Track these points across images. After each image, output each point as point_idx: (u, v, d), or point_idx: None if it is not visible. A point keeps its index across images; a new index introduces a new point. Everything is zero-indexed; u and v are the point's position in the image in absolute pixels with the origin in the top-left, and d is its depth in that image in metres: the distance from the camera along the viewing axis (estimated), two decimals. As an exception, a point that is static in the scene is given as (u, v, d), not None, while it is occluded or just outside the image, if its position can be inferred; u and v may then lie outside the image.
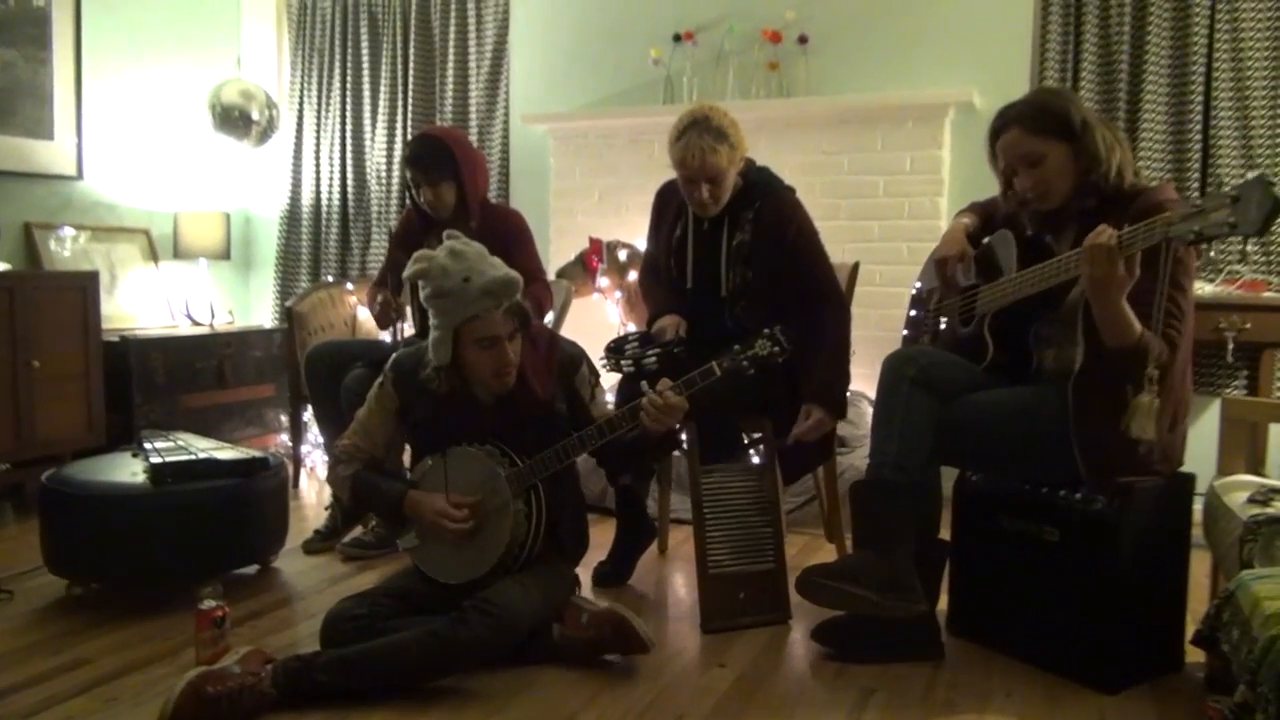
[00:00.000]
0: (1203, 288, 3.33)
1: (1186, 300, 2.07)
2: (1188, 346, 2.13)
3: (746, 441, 2.86)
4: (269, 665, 2.05)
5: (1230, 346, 3.13)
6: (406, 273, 2.30)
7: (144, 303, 4.61)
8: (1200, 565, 2.43)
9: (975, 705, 2.10)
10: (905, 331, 2.74)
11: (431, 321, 2.29)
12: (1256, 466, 3.28)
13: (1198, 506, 2.31)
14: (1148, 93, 3.61)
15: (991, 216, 2.53)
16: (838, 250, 3.69)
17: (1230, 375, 3.49)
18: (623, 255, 4.01)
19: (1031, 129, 2.14)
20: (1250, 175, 1.71)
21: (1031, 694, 2.14)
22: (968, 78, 3.89)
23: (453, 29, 4.78)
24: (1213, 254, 1.82)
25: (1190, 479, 2.26)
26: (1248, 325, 3.13)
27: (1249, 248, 3.46)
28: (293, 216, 5.16)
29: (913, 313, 2.71)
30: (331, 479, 2.48)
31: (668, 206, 2.93)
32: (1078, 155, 2.13)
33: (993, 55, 3.86)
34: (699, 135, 2.59)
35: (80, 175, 4.40)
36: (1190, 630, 2.12)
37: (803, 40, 4.08)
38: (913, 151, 3.93)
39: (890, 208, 3.97)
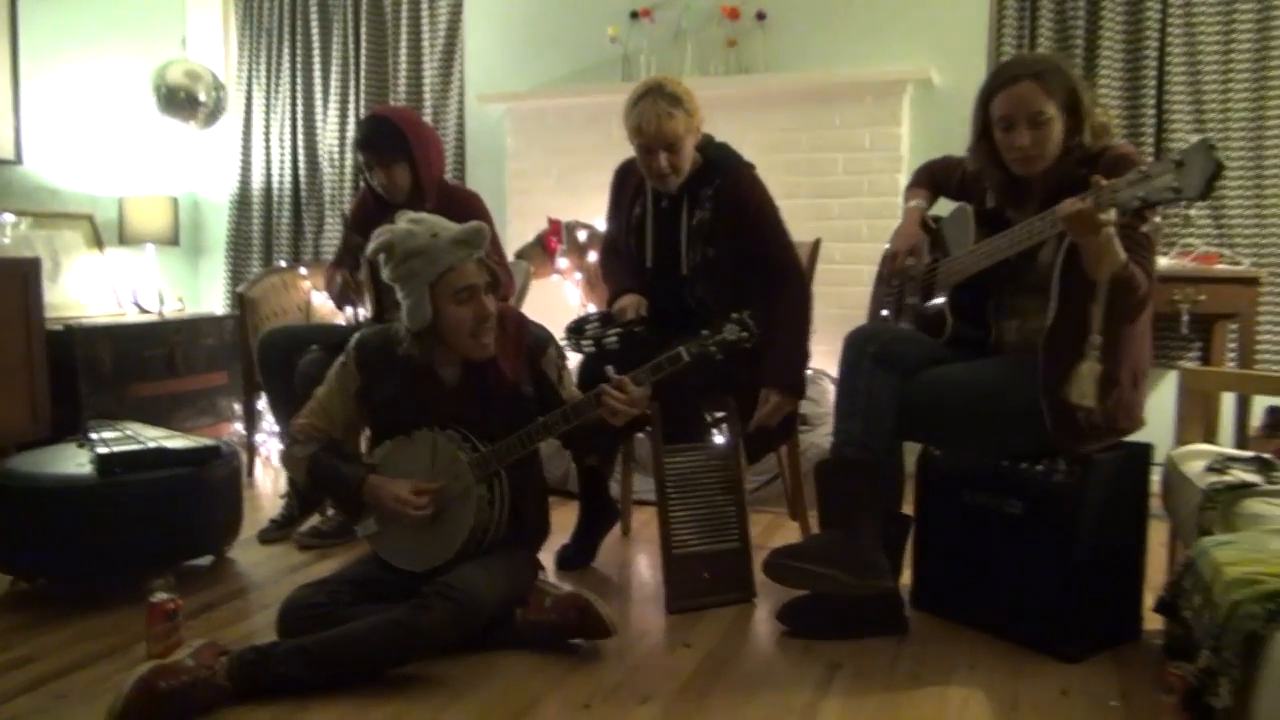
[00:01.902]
0: (1157, 261, 3.35)
1: (1150, 238, 2.06)
2: (1150, 307, 2.13)
3: (710, 421, 2.83)
4: (224, 658, 2.00)
5: (1185, 319, 3.17)
6: (369, 250, 2.25)
7: (90, 290, 4.48)
8: (1158, 535, 2.46)
9: (940, 678, 2.10)
10: (871, 308, 2.73)
11: (402, 292, 2.24)
12: (1210, 436, 3.34)
13: (1156, 477, 2.33)
14: (1103, 68, 3.63)
15: (944, 184, 2.52)
16: (798, 228, 3.66)
17: (1185, 347, 3.53)
18: (582, 236, 3.96)
19: (1046, 89, 2.10)
20: (1194, 139, 1.71)
21: (995, 665, 2.15)
22: (925, 55, 3.88)
23: (405, 7, 4.69)
24: (1158, 220, 1.81)
25: (1148, 449, 2.27)
26: (1202, 297, 3.16)
27: (1192, 211, 3.50)
28: (243, 200, 5.05)
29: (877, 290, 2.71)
30: (286, 459, 2.42)
31: (626, 185, 2.89)
32: (1069, 130, 2.12)
33: (950, 32, 3.86)
34: (654, 101, 2.56)
35: (19, 159, 4.26)
36: (1149, 599, 2.15)
37: (761, 17, 4.05)
38: (872, 128, 3.92)
39: (850, 185, 3.96)
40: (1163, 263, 3.35)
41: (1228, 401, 3.32)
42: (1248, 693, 1.31)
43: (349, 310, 3.22)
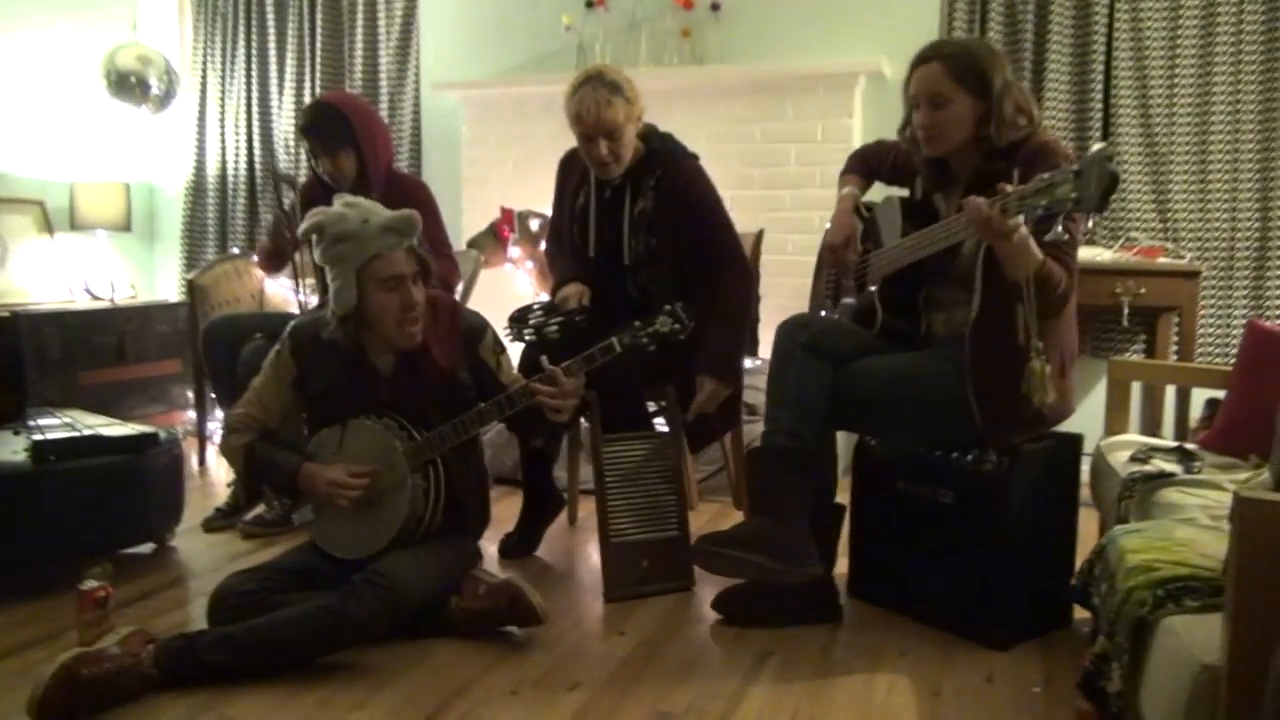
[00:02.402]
0: (1100, 253, 3.40)
1: (1075, 231, 2.07)
2: (1073, 298, 2.16)
3: (651, 410, 2.84)
4: (151, 645, 1.99)
5: (1126, 311, 3.20)
6: (302, 228, 2.25)
7: (39, 277, 4.43)
8: (1090, 524, 2.49)
9: (869, 664, 2.12)
10: (812, 298, 2.75)
11: (330, 274, 2.24)
12: (1154, 428, 3.38)
13: (1087, 467, 2.36)
14: (1051, 61, 3.67)
15: (876, 169, 2.54)
16: (750, 219, 3.71)
17: (1128, 340, 3.58)
18: (534, 225, 3.95)
19: (952, 72, 2.13)
20: (1094, 148, 1.72)
21: (925, 652, 2.18)
22: (877, 47, 3.90)
23: (361, -7, 4.66)
24: (1059, 229, 1.81)
25: (1078, 439, 2.30)
26: (1143, 290, 3.20)
27: (1135, 204, 3.54)
28: (198, 187, 5.00)
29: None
30: (224, 448, 2.40)
31: (570, 174, 2.90)
32: (982, 115, 2.13)
33: (902, 24, 3.87)
34: (593, 89, 2.56)
35: (-35, 143, 4.20)
36: (1078, 588, 2.18)
37: (715, 7, 4.05)
38: (824, 120, 3.93)
39: (802, 176, 3.98)
40: (1105, 255, 3.40)
41: (1171, 394, 3.38)
42: (1137, 677, 1.34)
43: (285, 275, 3.19)
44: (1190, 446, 2.21)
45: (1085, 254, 3.30)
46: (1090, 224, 3.53)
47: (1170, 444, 2.25)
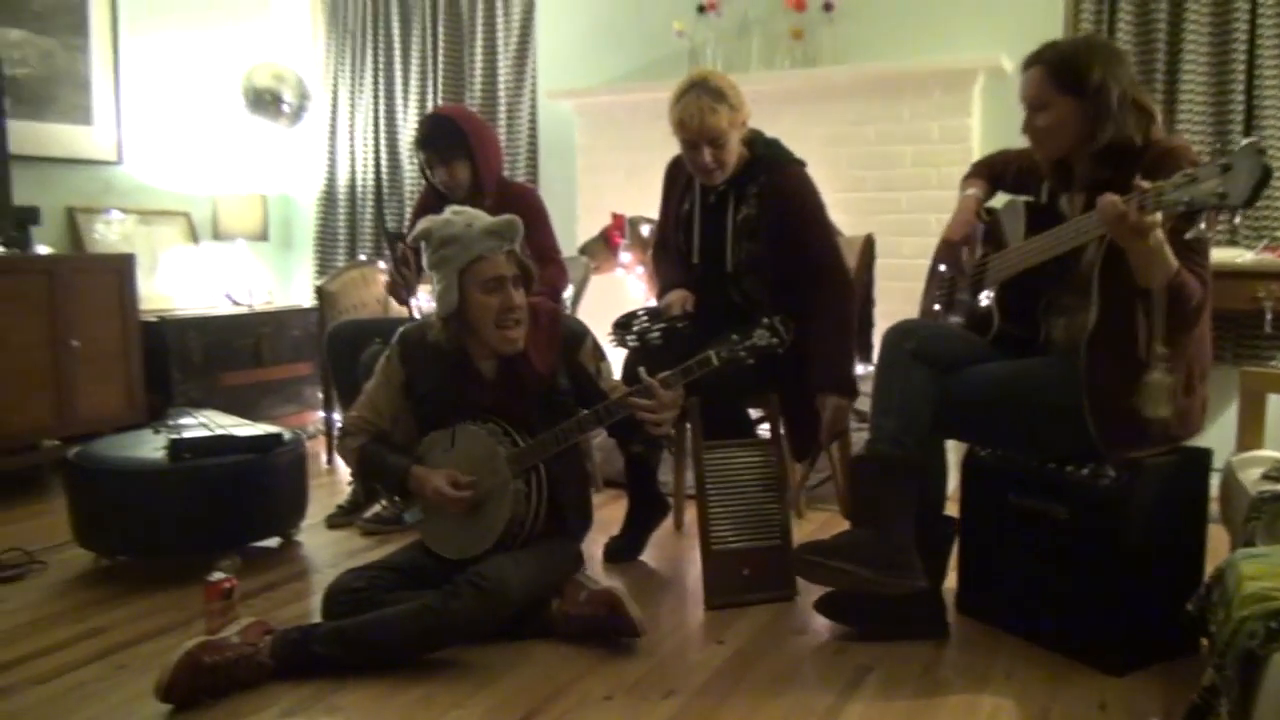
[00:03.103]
0: (1240, 255, 3.19)
1: (1204, 242, 1.96)
2: (1208, 309, 2.04)
3: (754, 417, 2.83)
4: (269, 636, 2.10)
5: (1269, 317, 3.00)
6: (410, 237, 2.34)
7: (184, 284, 4.72)
8: (1223, 545, 2.35)
9: (973, 685, 2.05)
10: (924, 299, 2.68)
11: (435, 278, 2.32)
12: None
13: (1216, 482, 2.23)
14: (1187, 54, 3.46)
15: (1000, 176, 2.46)
16: (862, 222, 3.64)
17: (1272, 347, 3.34)
18: (645, 230, 3.97)
19: (1050, 75, 2.06)
20: (1243, 141, 1.62)
21: (1034, 675, 2.09)
22: (997, 41, 3.77)
23: (480, 5, 4.78)
24: (1203, 227, 1.70)
25: (1206, 454, 2.17)
26: (1287, 294, 2.99)
27: (1238, 220, 3.31)
28: (329, 197, 5.24)
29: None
30: (340, 450, 2.52)
31: (676, 180, 2.90)
32: (1085, 114, 2.05)
33: (1024, 18, 3.73)
34: (697, 96, 2.56)
35: (120, 160, 4.51)
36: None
37: (828, 7, 3.99)
38: (941, 120, 3.82)
39: (917, 178, 3.88)
40: (1246, 257, 3.19)
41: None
42: (1246, 715, 1.25)
43: (412, 302, 3.32)
44: (1330, 464, 2.06)
45: (1224, 255, 3.11)
46: (1237, 220, 3.31)
47: (1309, 461, 2.10)
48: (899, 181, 3.90)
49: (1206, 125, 3.46)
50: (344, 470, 3.98)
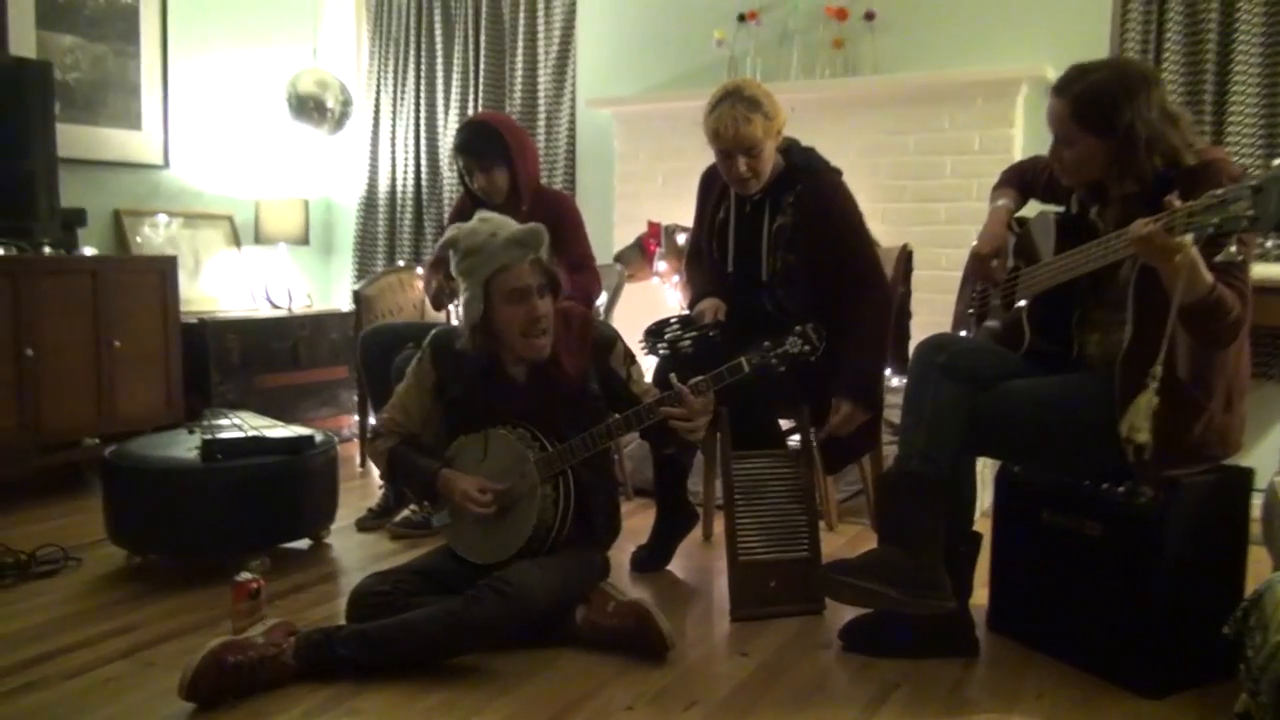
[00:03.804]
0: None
1: (1248, 253, 1.91)
2: (1246, 326, 1.98)
3: (784, 428, 2.80)
4: (293, 637, 2.11)
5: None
6: (438, 244, 2.34)
7: (227, 286, 4.79)
8: (1264, 566, 2.28)
9: (1002, 705, 2.01)
10: (956, 312, 2.65)
11: (463, 286, 2.33)
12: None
13: (1258, 502, 2.16)
14: (1237, 68, 3.37)
15: (1031, 185, 2.42)
16: (903, 232, 3.60)
17: (1320, 365, 3.26)
18: (681, 239, 3.96)
19: (1075, 113, 2.01)
20: (1276, 162, 1.57)
21: (1065, 695, 2.04)
22: (1042, 51, 3.70)
23: (522, 15, 4.81)
24: (1233, 250, 1.65)
25: (1248, 473, 2.11)
26: (1338, 309, 2.90)
27: (1269, 243, 3.22)
28: (370, 202, 5.29)
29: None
30: (371, 452, 2.54)
31: (711, 189, 2.89)
32: (1111, 152, 2.00)
33: (1069, 26, 3.66)
34: (731, 106, 2.54)
35: (166, 164, 4.59)
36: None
37: (869, 17, 3.96)
38: (982, 130, 3.77)
39: (958, 189, 3.82)
40: (1294, 271, 3.10)
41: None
42: (1280, 743, 1.21)
43: (450, 308, 3.33)
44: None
45: (1264, 270, 3.02)
46: (1269, 244, 3.24)
47: (1355, 484, 2.03)
48: (938, 192, 3.85)
49: (1258, 139, 3.37)
50: (376, 474, 4.01)
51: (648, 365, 2.70)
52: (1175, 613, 2.03)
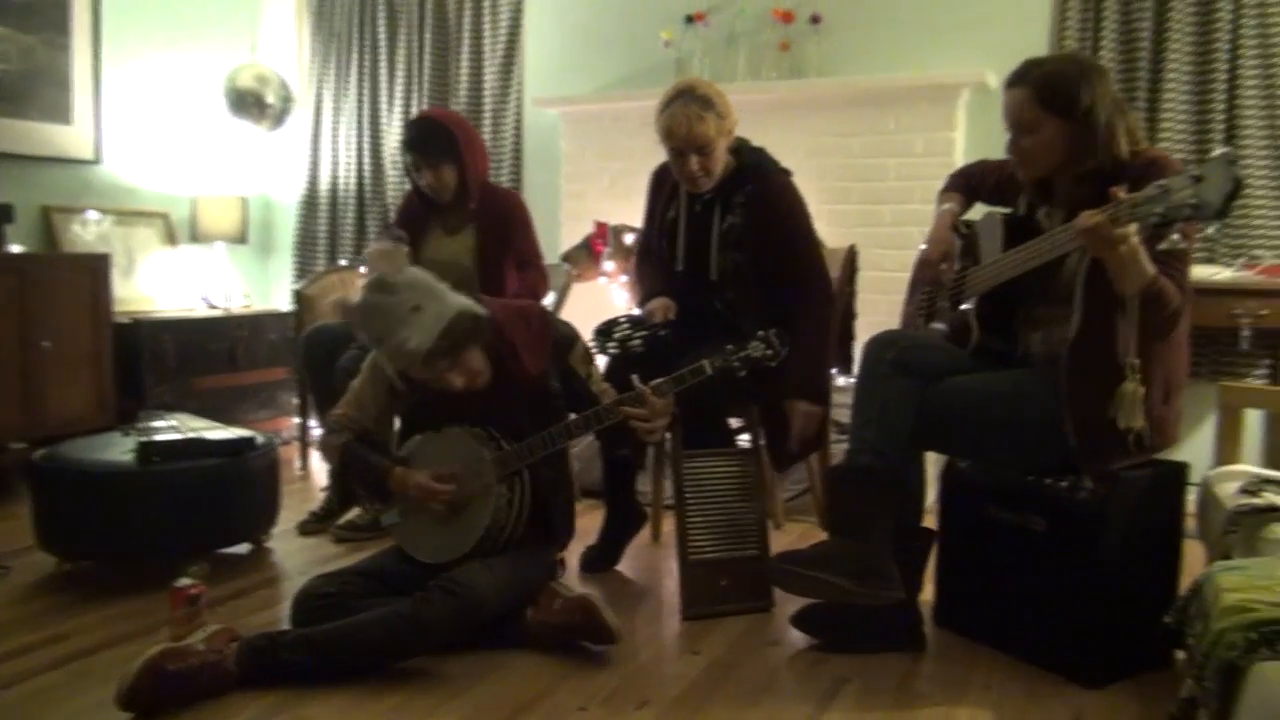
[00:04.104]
0: (1218, 272, 3.21)
1: (1189, 243, 1.96)
2: (1186, 319, 2.04)
3: (734, 427, 2.81)
4: (235, 643, 2.05)
5: (1245, 334, 3.01)
6: (344, 319, 2.29)
7: (162, 286, 4.66)
8: (1197, 558, 2.34)
9: (950, 697, 2.04)
10: (904, 314, 2.68)
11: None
12: (1275, 459, 3.17)
13: (1193, 497, 2.22)
14: (1170, 72, 3.47)
15: (978, 188, 2.46)
16: (847, 234, 3.64)
17: (1249, 364, 3.36)
18: (628, 239, 3.96)
19: (1038, 97, 2.04)
20: (1215, 152, 1.62)
21: (1010, 687, 2.08)
22: (982, 57, 3.78)
23: (468, 12, 4.76)
24: (1176, 238, 1.71)
25: (1183, 468, 2.17)
26: (1265, 312, 3.00)
27: (1261, 220, 3.32)
28: (310, 201, 5.19)
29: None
30: (322, 446, 2.49)
31: (662, 188, 2.89)
32: (1073, 135, 2.04)
33: (1009, 34, 3.74)
34: (684, 104, 2.55)
35: (99, 160, 4.46)
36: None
37: (815, 20, 4.00)
38: (925, 133, 3.83)
39: (902, 191, 3.88)
40: (1224, 274, 3.20)
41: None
42: (1225, 727, 1.24)
43: None
44: (1308, 480, 2.06)
45: (1202, 272, 3.12)
46: (1211, 230, 3.33)
47: (1285, 476, 2.10)
48: (883, 194, 3.90)
49: (1188, 136, 3.48)
50: (318, 477, 3.94)
51: (598, 364, 2.68)
52: (1115, 605, 2.07)
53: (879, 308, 3.70)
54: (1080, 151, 2.03)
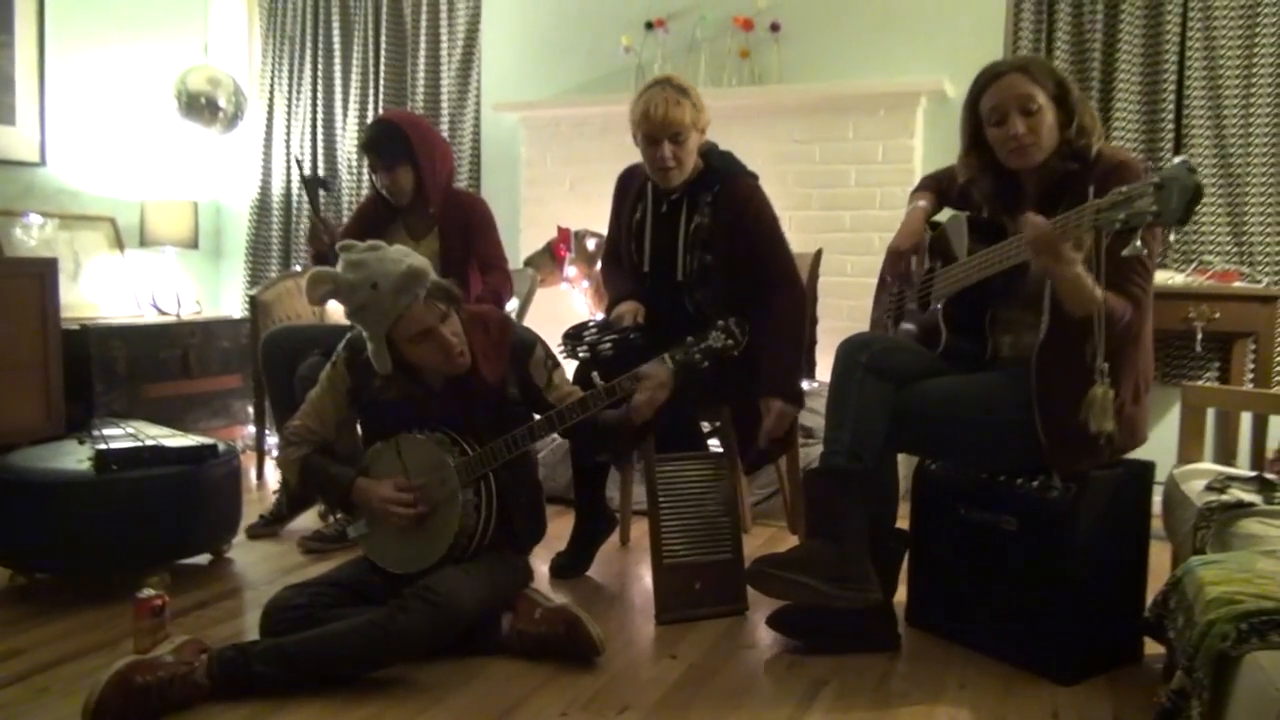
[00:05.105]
0: (1172, 277, 3.29)
1: (1150, 257, 2.01)
2: (1149, 321, 2.08)
3: (706, 430, 2.81)
4: (204, 655, 2.00)
5: (1199, 337, 3.09)
6: (317, 294, 2.23)
7: (109, 292, 4.54)
8: (1162, 556, 2.40)
9: (928, 696, 2.05)
10: (874, 310, 2.71)
11: (365, 335, 2.25)
12: (1228, 458, 3.26)
13: (1159, 497, 2.27)
14: (1120, 78, 3.58)
15: (946, 192, 2.50)
16: (809, 239, 3.67)
17: (1201, 366, 3.46)
18: (591, 244, 3.96)
19: (1036, 79, 2.08)
20: (1175, 159, 1.67)
21: (986, 685, 2.10)
22: (940, 66, 3.85)
23: (424, 16, 4.72)
24: (1138, 244, 1.75)
25: (1150, 467, 2.22)
26: (1217, 315, 3.09)
27: (1211, 227, 3.42)
28: (263, 205, 5.10)
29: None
30: (281, 460, 2.43)
31: (628, 190, 2.89)
32: (1061, 124, 2.08)
33: (965, 43, 3.81)
34: (662, 89, 2.58)
35: (43, 162, 4.33)
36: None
37: (775, 28, 4.04)
38: (885, 140, 3.88)
39: (862, 197, 3.92)
40: (1177, 279, 3.29)
41: (1246, 422, 3.25)
42: (1218, 714, 1.27)
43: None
44: (1270, 476, 2.11)
45: (1157, 278, 3.19)
46: (1172, 238, 3.42)
47: (1248, 473, 2.16)
48: (844, 200, 3.95)
49: (1139, 143, 3.58)
50: (273, 485, 3.86)
51: (567, 369, 2.67)
52: (1086, 602, 2.10)
53: (840, 313, 3.74)
54: (1063, 138, 2.06)
